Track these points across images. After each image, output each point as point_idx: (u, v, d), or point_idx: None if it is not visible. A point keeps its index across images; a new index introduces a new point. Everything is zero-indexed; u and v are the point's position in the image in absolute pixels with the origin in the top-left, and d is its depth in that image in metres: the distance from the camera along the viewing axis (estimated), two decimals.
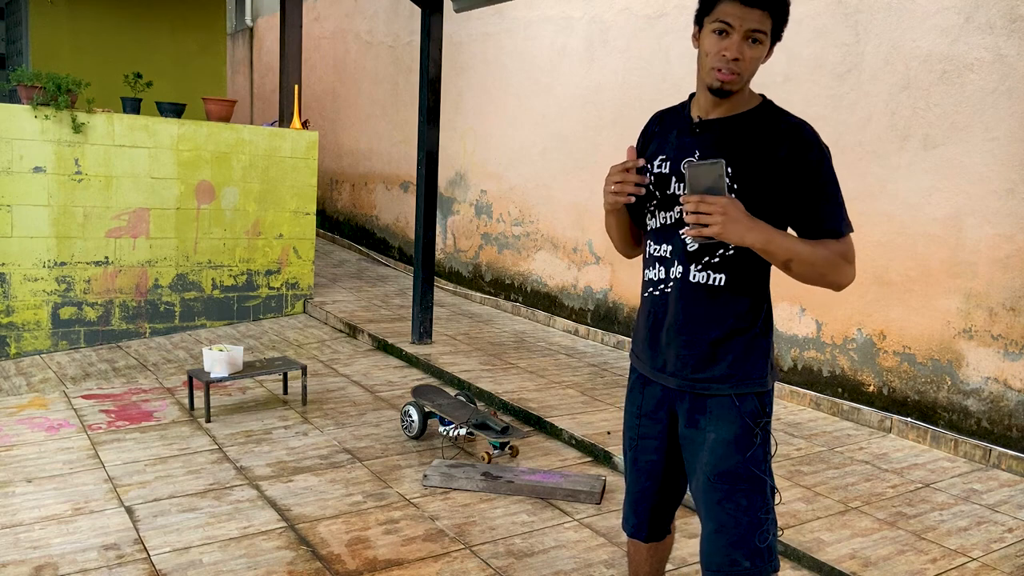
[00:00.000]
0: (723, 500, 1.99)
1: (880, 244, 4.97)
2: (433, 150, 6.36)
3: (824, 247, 1.90)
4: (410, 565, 3.15)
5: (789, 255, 1.86)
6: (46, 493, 3.70)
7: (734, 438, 1.98)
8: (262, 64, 13.17)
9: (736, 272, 1.96)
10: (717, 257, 1.96)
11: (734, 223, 1.81)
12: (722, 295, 1.97)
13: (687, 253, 1.98)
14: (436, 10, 6.19)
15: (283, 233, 7.38)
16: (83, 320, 6.60)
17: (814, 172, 1.90)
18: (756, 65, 1.90)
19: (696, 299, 1.99)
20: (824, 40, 5.22)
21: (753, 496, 1.99)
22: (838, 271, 1.92)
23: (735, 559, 2.00)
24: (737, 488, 1.98)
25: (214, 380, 4.74)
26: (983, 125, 4.46)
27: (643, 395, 2.16)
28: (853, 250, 1.95)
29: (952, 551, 3.37)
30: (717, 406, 1.99)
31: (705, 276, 1.97)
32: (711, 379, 1.99)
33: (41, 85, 6.17)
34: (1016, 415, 4.39)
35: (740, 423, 1.98)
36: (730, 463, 1.98)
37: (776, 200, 1.91)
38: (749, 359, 1.99)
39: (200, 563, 3.10)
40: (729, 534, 2.00)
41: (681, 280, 2.00)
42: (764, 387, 2.01)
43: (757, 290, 2.00)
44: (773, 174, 1.89)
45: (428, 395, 4.60)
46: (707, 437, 2.01)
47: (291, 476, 3.98)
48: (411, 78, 9.15)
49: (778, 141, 1.90)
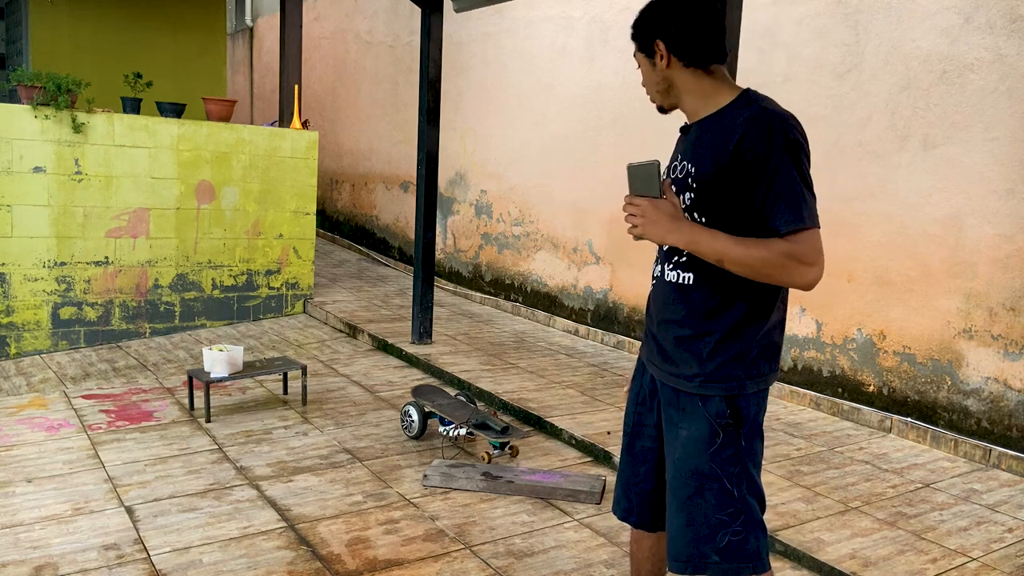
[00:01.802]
0: (694, 495, 1.99)
1: (880, 244, 4.97)
2: (433, 150, 6.36)
3: (764, 247, 1.80)
4: (410, 565, 3.14)
5: (718, 255, 1.83)
6: (46, 493, 3.70)
7: (699, 438, 1.97)
8: (262, 64, 13.17)
9: (704, 271, 1.93)
10: (684, 256, 1.97)
11: (653, 224, 1.86)
12: (691, 294, 1.97)
13: (664, 252, 2.05)
14: (436, 10, 6.19)
15: (283, 233, 7.38)
16: (83, 320, 6.60)
17: (760, 163, 1.81)
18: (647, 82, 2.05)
19: (669, 297, 2.02)
20: (824, 40, 5.22)
21: (722, 497, 1.97)
22: (786, 272, 1.81)
23: (704, 552, 1.99)
24: (705, 487, 1.97)
25: (214, 380, 4.74)
26: (983, 125, 4.46)
27: (641, 382, 2.21)
28: (809, 248, 1.80)
29: (952, 551, 3.37)
30: (688, 403, 1.99)
31: (676, 275, 2.00)
32: (679, 375, 2.00)
33: (41, 85, 6.17)
34: (1016, 415, 4.39)
35: (706, 424, 1.96)
36: (697, 461, 1.98)
37: (731, 196, 1.87)
38: (715, 360, 1.95)
39: (200, 563, 3.10)
40: (697, 530, 1.99)
41: (661, 277, 2.07)
42: (732, 391, 1.94)
43: (730, 290, 1.92)
44: (723, 166, 1.86)
45: (428, 395, 4.60)
46: (679, 432, 2.02)
47: (291, 476, 3.98)
48: (411, 78, 9.15)
49: (732, 134, 1.86)
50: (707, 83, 1.97)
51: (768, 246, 1.80)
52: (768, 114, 1.85)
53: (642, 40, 2.00)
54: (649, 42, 1.98)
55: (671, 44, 1.95)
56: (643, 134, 6.26)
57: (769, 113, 1.86)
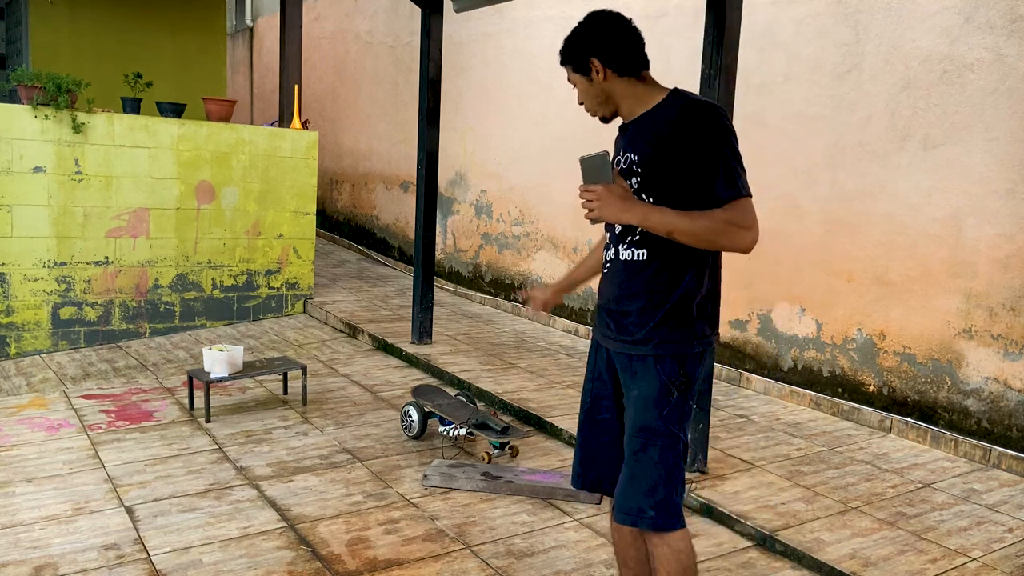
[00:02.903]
0: (639, 451, 2.20)
1: (880, 244, 4.97)
2: (433, 150, 6.36)
3: (707, 217, 2.06)
4: (410, 565, 3.15)
5: (668, 228, 2.07)
6: (46, 493, 3.70)
7: (653, 396, 2.19)
8: (262, 64, 13.16)
9: (655, 248, 2.17)
10: (638, 235, 2.20)
11: (609, 205, 2.09)
12: (646, 269, 2.20)
13: (617, 235, 2.27)
14: (436, 10, 6.19)
15: (283, 233, 7.38)
16: (83, 320, 6.60)
17: (697, 142, 2.06)
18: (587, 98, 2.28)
19: (625, 274, 2.24)
20: (824, 40, 5.22)
21: (666, 452, 2.19)
22: (728, 236, 2.07)
23: (643, 508, 2.20)
24: (651, 442, 2.18)
25: (214, 380, 4.74)
26: (983, 125, 4.46)
27: (596, 359, 2.41)
28: (747, 215, 2.07)
29: (952, 551, 3.37)
30: (641, 367, 2.22)
31: (631, 253, 2.22)
32: (636, 342, 2.22)
33: (41, 85, 6.17)
34: (1016, 415, 4.39)
35: (659, 382, 2.18)
36: (647, 418, 2.19)
37: (675, 177, 2.10)
38: (668, 324, 2.18)
39: (200, 563, 3.10)
40: (640, 483, 2.20)
41: (615, 259, 2.28)
42: (682, 351, 2.19)
43: (677, 262, 2.17)
44: (666, 153, 2.10)
45: (428, 395, 4.60)
46: (632, 394, 2.24)
47: (291, 476, 3.98)
48: (411, 78, 9.15)
49: (669, 122, 2.12)
50: (640, 88, 2.24)
51: (711, 216, 2.06)
52: (700, 102, 2.13)
53: (576, 62, 2.25)
54: (584, 62, 2.22)
55: (605, 59, 2.21)
56: None
57: (701, 102, 2.14)
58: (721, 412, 5.05)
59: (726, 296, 5.15)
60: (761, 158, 5.60)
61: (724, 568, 3.25)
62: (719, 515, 3.64)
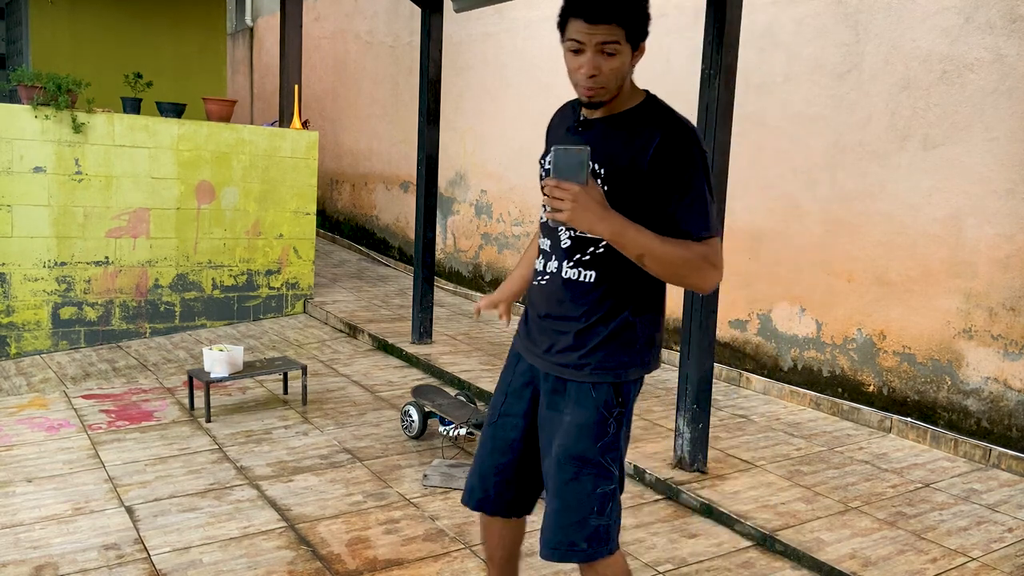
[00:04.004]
0: (570, 481, 2.05)
1: (880, 244, 4.97)
2: (433, 150, 6.36)
3: (685, 248, 1.89)
4: (410, 565, 3.15)
5: (641, 250, 1.87)
6: (46, 493, 3.70)
7: (588, 424, 2.04)
8: (262, 64, 13.17)
9: (606, 270, 2.01)
10: (588, 255, 2.02)
11: (584, 211, 1.83)
12: (591, 292, 2.03)
13: (562, 249, 2.05)
14: (436, 10, 6.19)
15: (283, 233, 7.38)
16: (83, 320, 6.60)
17: (677, 172, 1.90)
18: (619, 73, 1.92)
19: (566, 294, 2.06)
20: (824, 40, 5.22)
21: (599, 481, 2.05)
22: (699, 274, 1.91)
23: (573, 540, 2.06)
24: (584, 471, 2.04)
25: (214, 380, 4.74)
26: (983, 125, 4.47)
27: (514, 373, 2.25)
28: (718, 254, 1.93)
29: (952, 551, 3.37)
30: (576, 391, 2.06)
31: (577, 273, 2.04)
32: (572, 365, 2.06)
33: (41, 85, 6.17)
34: (1016, 415, 4.39)
35: (595, 411, 2.04)
36: (581, 447, 2.04)
37: (642, 199, 1.93)
38: (607, 349, 2.04)
39: (200, 563, 3.10)
40: (571, 515, 2.06)
41: (555, 275, 2.08)
42: (620, 379, 2.05)
43: (625, 290, 2.02)
44: (639, 172, 1.91)
45: (428, 395, 4.60)
46: (563, 419, 2.07)
47: (291, 476, 3.98)
48: (411, 78, 9.15)
49: (648, 140, 1.91)
50: (630, 83, 2.02)
51: (689, 247, 1.89)
52: (683, 126, 1.94)
53: (639, 33, 1.90)
54: (642, 38, 1.92)
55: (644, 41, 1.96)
56: None
57: (684, 125, 1.95)
58: (721, 412, 5.05)
59: (726, 296, 5.16)
60: (761, 158, 5.61)
61: (724, 568, 3.25)
62: (719, 515, 3.65)
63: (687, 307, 4.01)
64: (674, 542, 3.43)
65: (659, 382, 5.72)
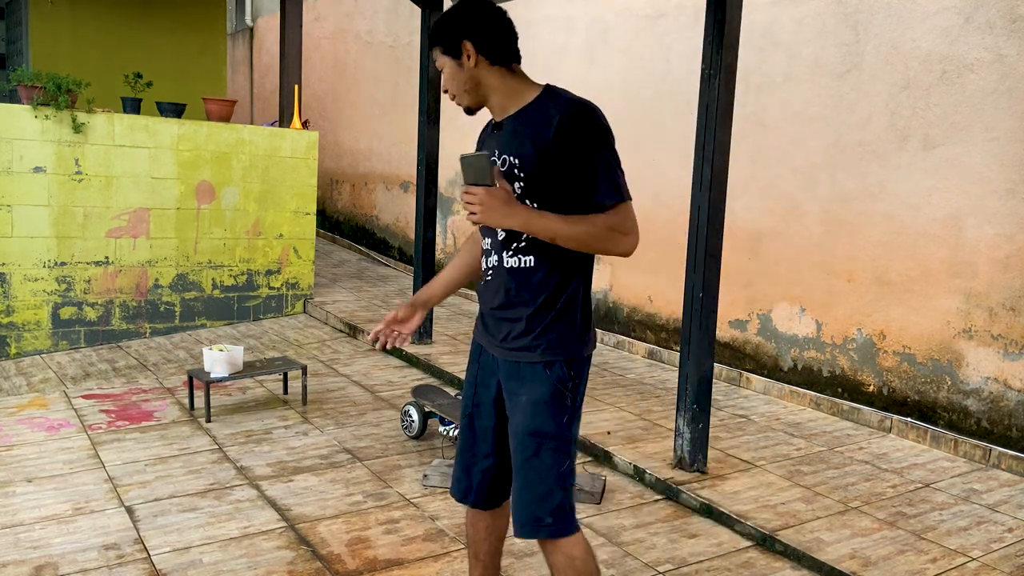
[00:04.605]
0: (531, 457, 2.16)
1: (880, 244, 4.97)
2: (433, 150, 6.36)
3: (590, 223, 2.02)
4: (410, 565, 3.15)
5: (550, 233, 2.03)
6: (46, 493, 3.70)
7: (544, 400, 2.15)
8: (262, 64, 13.17)
9: (543, 252, 2.12)
10: (523, 241, 2.14)
11: (491, 211, 2.00)
12: (533, 276, 2.15)
13: (499, 242, 2.19)
14: (436, 10, 6.19)
15: (283, 233, 7.38)
16: (83, 320, 6.60)
17: (580, 145, 2.02)
18: (453, 82, 2.15)
19: (513, 282, 2.17)
20: (824, 40, 5.22)
21: (558, 455, 2.16)
22: (610, 242, 2.05)
23: (539, 516, 2.16)
24: (543, 446, 2.15)
25: (214, 380, 4.74)
26: (983, 125, 4.47)
27: (479, 364, 2.36)
28: (627, 219, 2.05)
29: (952, 551, 3.37)
30: (530, 372, 2.17)
31: (517, 260, 2.16)
32: (524, 348, 2.17)
33: (41, 85, 6.17)
34: (1016, 415, 4.39)
35: (550, 387, 2.15)
36: (538, 422, 2.15)
37: (555, 179, 2.05)
38: (556, 329, 2.16)
39: (200, 563, 3.10)
40: (534, 490, 2.16)
41: (498, 267, 2.21)
42: (570, 355, 2.17)
43: (565, 268, 2.14)
44: (547, 152, 2.04)
45: (428, 395, 4.60)
46: (520, 400, 2.19)
47: (291, 476, 3.98)
48: (411, 78, 9.15)
49: (549, 119, 2.05)
50: (512, 81, 2.15)
51: (593, 221, 2.02)
52: (579, 104, 2.07)
53: (448, 43, 2.12)
54: (456, 44, 2.11)
55: (478, 44, 2.11)
56: (642, 133, 6.26)
57: (580, 103, 2.07)
58: (721, 412, 5.05)
59: (726, 296, 5.15)
60: (761, 158, 5.61)
61: (724, 568, 3.25)
62: (719, 515, 3.65)
63: (687, 307, 4.01)
64: (674, 542, 3.43)
65: (659, 382, 5.73)
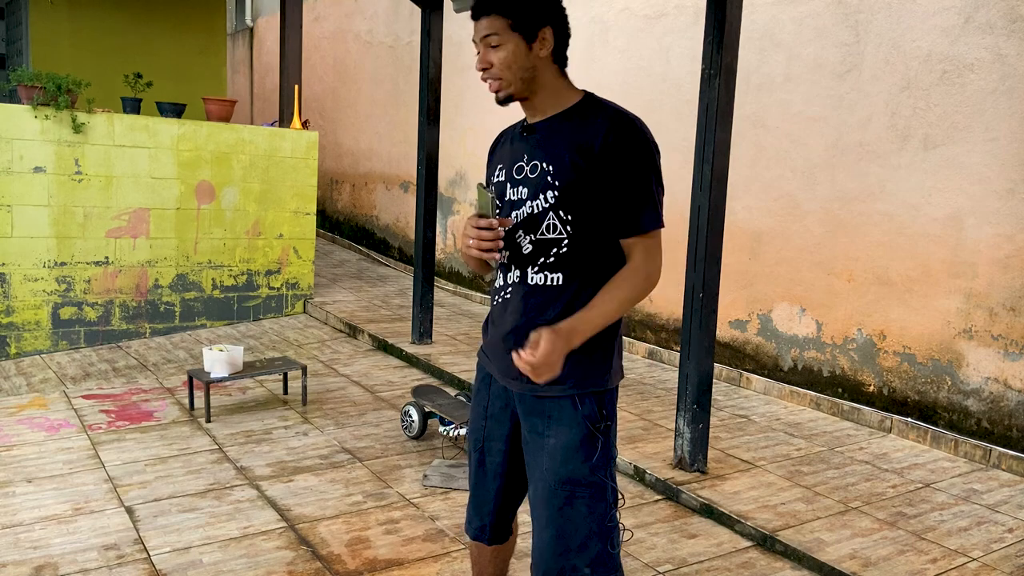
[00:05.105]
0: (564, 507, 1.94)
1: (880, 244, 4.97)
2: (433, 150, 6.36)
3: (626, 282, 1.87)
4: (410, 565, 3.15)
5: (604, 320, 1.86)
6: (46, 493, 3.70)
7: (575, 443, 1.93)
8: (262, 64, 13.17)
9: (573, 269, 1.92)
10: (552, 257, 1.92)
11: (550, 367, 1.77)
12: (562, 295, 1.92)
13: (523, 256, 1.96)
14: (436, 10, 6.19)
15: (283, 233, 7.38)
16: (83, 320, 6.60)
17: (627, 164, 1.85)
18: (511, 65, 1.91)
19: (537, 300, 1.94)
20: (824, 40, 5.22)
21: (595, 503, 1.94)
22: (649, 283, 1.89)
23: (575, 565, 1.94)
24: (578, 494, 1.93)
25: (214, 380, 4.74)
26: (983, 125, 4.46)
27: (489, 395, 2.14)
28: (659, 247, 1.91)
29: (952, 551, 3.37)
30: (556, 410, 1.95)
31: (543, 277, 1.94)
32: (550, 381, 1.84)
33: (41, 85, 6.17)
34: (1016, 415, 4.39)
35: (581, 427, 1.93)
36: (570, 469, 1.93)
37: (593, 193, 1.87)
38: (591, 357, 1.93)
39: (200, 563, 3.10)
40: (569, 540, 1.94)
41: (519, 284, 1.97)
42: (603, 387, 1.96)
43: (596, 286, 1.91)
44: (588, 166, 1.86)
45: (428, 395, 4.60)
46: (547, 443, 1.96)
47: (291, 476, 3.98)
48: (411, 78, 9.15)
49: (597, 128, 1.87)
50: (560, 82, 1.98)
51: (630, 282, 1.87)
52: (629, 118, 1.89)
53: (526, 22, 1.88)
54: (536, 26, 1.89)
55: (557, 34, 1.93)
56: None
57: (630, 117, 1.90)
58: (721, 412, 5.05)
59: (726, 296, 5.17)
60: (761, 158, 5.61)
61: (724, 568, 3.25)
62: (719, 515, 3.65)
63: (687, 307, 4.01)
64: (674, 542, 3.43)
65: (659, 382, 5.72)
